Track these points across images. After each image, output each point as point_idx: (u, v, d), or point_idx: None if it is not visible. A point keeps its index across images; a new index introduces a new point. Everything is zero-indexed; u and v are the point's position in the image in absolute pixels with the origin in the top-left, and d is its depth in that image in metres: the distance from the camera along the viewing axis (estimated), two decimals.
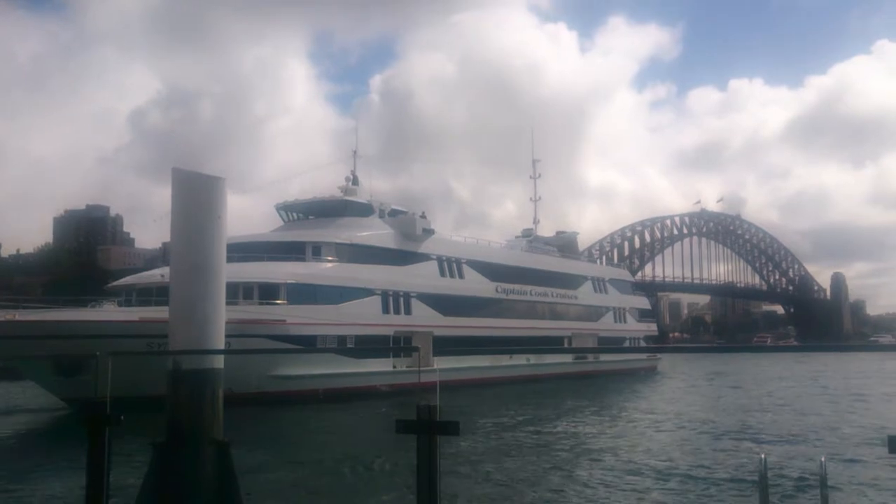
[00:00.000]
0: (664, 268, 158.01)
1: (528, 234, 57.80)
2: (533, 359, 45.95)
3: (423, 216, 44.26)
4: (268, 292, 34.59)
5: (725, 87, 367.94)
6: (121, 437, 7.63)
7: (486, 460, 17.14)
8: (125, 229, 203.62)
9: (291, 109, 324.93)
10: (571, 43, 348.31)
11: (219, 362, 7.70)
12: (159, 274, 34.35)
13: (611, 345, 55.69)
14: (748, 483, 13.37)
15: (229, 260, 32.67)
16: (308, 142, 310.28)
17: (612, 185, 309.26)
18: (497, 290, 46.85)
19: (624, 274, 66.84)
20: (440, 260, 44.00)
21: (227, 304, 29.12)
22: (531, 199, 60.34)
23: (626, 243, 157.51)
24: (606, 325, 55.88)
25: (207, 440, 6.93)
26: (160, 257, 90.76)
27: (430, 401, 4.65)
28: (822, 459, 5.10)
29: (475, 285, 45.41)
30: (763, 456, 4.90)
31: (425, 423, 4.57)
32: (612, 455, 18.08)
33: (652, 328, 63.20)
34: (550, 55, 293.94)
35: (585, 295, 54.84)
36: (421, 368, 30.28)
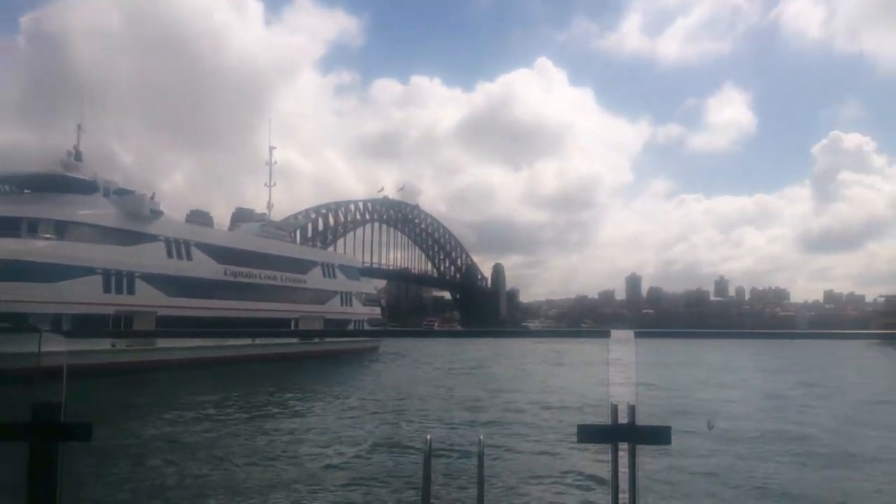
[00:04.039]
0: (346, 251, 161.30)
1: (260, 219, 61.20)
2: (259, 339, 49.49)
3: (152, 197, 45.93)
4: None
5: (408, 82, 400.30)
6: None
7: (127, 460, 15.99)
8: None
9: None
10: (257, 14, 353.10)
11: None
12: None
13: (337, 326, 60.88)
14: (415, 463, 14.07)
15: None
16: None
17: (293, 164, 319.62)
18: (226, 273, 49.98)
19: (353, 261, 73.29)
20: (168, 241, 46.12)
21: None
22: (265, 184, 63.67)
23: (311, 225, 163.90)
24: (333, 309, 61.53)
25: None
26: None
27: (53, 397, 3.70)
28: (481, 437, 5.27)
29: (203, 267, 48.25)
30: (429, 436, 4.87)
31: (43, 427, 3.65)
32: (285, 444, 18.65)
33: (376, 311, 70.33)
34: (232, 22, 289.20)
35: (314, 279, 59.99)
36: (143, 348, 33.19)
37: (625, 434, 3.42)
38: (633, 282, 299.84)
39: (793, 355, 50.87)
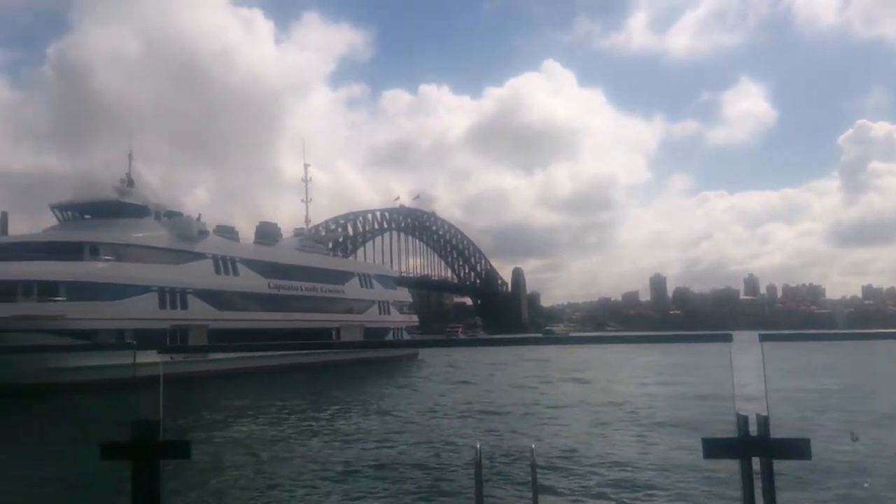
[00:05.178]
0: (366, 261, 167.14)
1: (300, 234, 64.16)
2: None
3: (198, 219, 49.21)
4: (47, 290, 38.31)
5: (416, 92, 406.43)
6: None
7: (220, 477, 15.77)
8: None
9: None
10: (267, 33, 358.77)
11: None
12: None
13: (376, 335, 63.19)
14: (465, 471, 14.34)
15: (5, 259, 36.50)
16: None
17: (309, 177, 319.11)
18: (270, 287, 52.94)
19: (388, 270, 75.98)
20: (215, 258, 49.33)
21: (5, 301, 33.05)
22: (302, 200, 66.56)
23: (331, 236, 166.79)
24: (371, 317, 64.28)
25: None
26: None
27: (150, 414, 3.77)
28: (533, 446, 5.45)
29: (249, 282, 51.40)
30: (478, 445, 4.80)
31: (143, 446, 3.65)
32: (335, 450, 18.94)
33: (413, 319, 72.84)
34: (244, 42, 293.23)
35: (352, 290, 62.73)
36: (198, 359, 36.24)
37: (758, 448, 3.19)
38: (658, 282, 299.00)
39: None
